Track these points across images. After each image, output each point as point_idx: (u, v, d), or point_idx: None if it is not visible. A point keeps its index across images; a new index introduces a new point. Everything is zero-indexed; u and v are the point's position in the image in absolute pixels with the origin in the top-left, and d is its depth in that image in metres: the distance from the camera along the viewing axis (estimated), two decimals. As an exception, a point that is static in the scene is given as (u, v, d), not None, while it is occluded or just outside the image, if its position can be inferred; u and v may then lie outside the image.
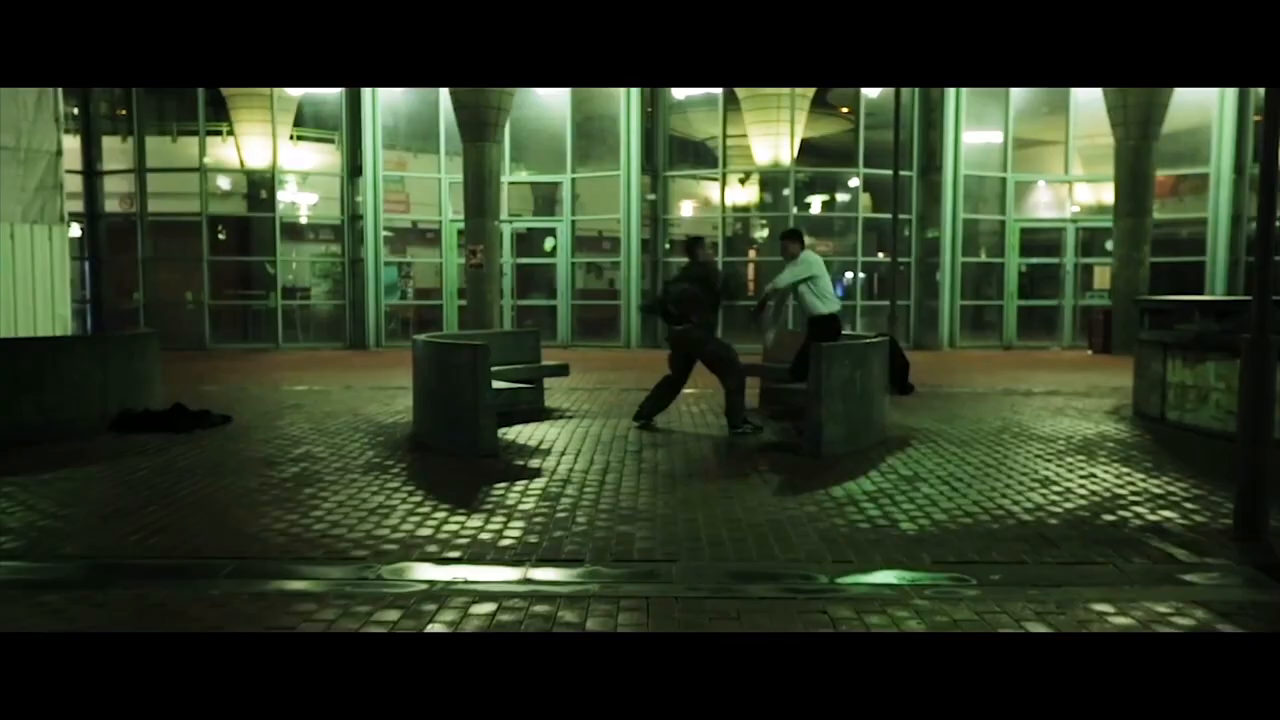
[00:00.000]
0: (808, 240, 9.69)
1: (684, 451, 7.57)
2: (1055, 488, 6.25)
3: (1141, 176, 17.56)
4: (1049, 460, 7.20)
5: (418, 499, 5.93)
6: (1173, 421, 8.50)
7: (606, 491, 6.13)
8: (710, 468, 6.98)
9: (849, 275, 20.89)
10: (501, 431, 8.30)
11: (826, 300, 8.26)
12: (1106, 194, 20.01)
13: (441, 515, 5.52)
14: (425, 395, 8.00)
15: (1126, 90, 17.11)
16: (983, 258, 20.42)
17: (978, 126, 19.98)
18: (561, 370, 10.22)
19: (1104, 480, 6.49)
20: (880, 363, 7.92)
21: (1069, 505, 5.78)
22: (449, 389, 7.48)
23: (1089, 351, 18.47)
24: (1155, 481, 6.45)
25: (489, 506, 5.74)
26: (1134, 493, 6.12)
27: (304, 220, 21.03)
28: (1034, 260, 20.67)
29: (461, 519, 5.44)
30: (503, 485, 6.29)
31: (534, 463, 7.10)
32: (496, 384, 7.67)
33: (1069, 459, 7.24)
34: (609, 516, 5.50)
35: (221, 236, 20.53)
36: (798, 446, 7.44)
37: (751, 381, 10.85)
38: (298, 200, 20.72)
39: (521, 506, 5.73)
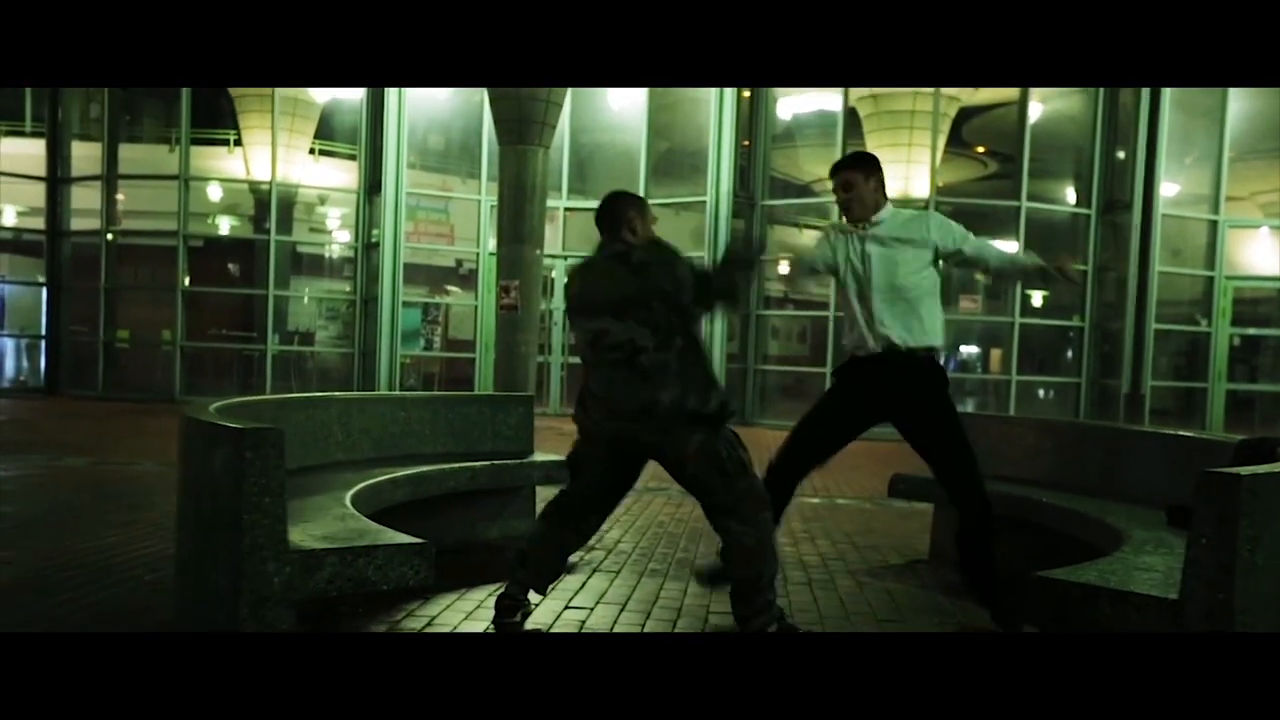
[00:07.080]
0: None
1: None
2: None
3: None
4: None
5: None
6: None
7: None
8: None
9: (965, 349, 16.11)
10: (396, 611, 3.65)
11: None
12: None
13: None
14: (182, 545, 3.35)
15: None
16: (1182, 326, 15.24)
17: (1181, 152, 15.01)
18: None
19: None
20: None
21: None
22: (202, 541, 2.87)
23: (1350, 459, 13.15)
24: None
25: None
26: None
27: (311, 248, 16.99)
28: (1252, 331, 15.51)
29: None
30: None
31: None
32: (344, 514, 3.05)
33: None
34: None
35: (207, 264, 16.62)
36: None
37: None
38: (304, 223, 16.74)
39: None
